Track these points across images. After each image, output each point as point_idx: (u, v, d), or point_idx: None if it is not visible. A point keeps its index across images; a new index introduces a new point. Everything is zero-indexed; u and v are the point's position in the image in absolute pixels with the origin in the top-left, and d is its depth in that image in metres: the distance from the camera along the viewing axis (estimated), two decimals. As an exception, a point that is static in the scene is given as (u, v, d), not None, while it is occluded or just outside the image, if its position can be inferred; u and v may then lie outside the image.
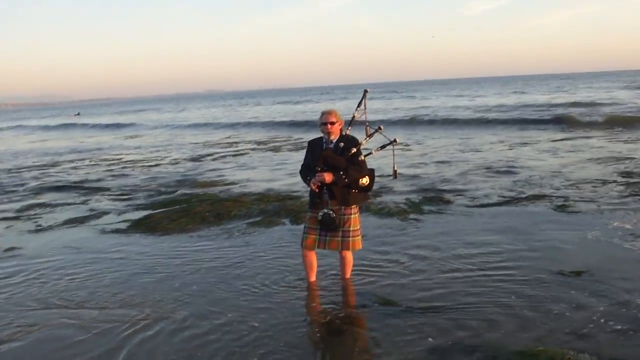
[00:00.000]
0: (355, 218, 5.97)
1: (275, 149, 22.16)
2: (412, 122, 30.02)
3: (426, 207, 10.01)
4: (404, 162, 15.75)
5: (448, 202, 10.36)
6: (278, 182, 13.62)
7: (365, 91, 5.92)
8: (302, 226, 6.27)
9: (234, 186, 13.50)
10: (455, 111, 36.09)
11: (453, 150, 18.40)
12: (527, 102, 40.08)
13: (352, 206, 5.94)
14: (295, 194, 11.83)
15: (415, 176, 13.45)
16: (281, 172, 15.44)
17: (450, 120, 29.39)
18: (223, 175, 15.49)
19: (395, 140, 5.83)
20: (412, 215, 9.50)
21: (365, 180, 5.84)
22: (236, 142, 26.54)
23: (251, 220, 9.83)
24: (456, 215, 9.43)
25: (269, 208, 10.49)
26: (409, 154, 17.91)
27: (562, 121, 25.36)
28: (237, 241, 8.58)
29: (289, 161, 17.87)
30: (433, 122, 29.58)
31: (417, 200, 10.56)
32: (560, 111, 30.65)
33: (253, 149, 22.69)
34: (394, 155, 5.95)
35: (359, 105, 5.89)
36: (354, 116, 5.90)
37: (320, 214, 5.85)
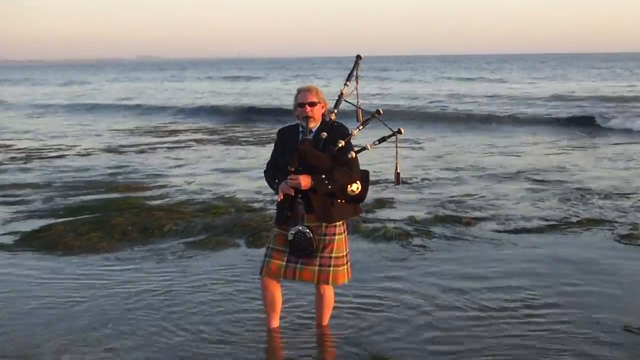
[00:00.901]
0: (340, 240, 5.91)
1: (231, 142, 22.04)
2: (423, 115, 29.95)
3: (437, 230, 9.98)
4: (411, 165, 15.75)
5: (469, 223, 10.35)
6: (232, 187, 13.50)
7: (358, 58, 5.89)
8: (262, 250, 6.18)
9: (169, 190, 13.36)
10: (475, 100, 36.30)
11: (478, 152, 18.45)
12: (572, 91, 40.49)
13: (337, 223, 5.88)
14: (255, 204, 11.74)
15: (424, 185, 13.44)
16: (237, 174, 15.31)
17: (471, 114, 29.47)
18: (155, 175, 15.34)
19: (399, 131, 5.77)
20: (417, 241, 9.48)
21: (355, 187, 5.76)
22: (176, 131, 26.37)
23: (192, 238, 9.72)
24: (479, 242, 9.41)
25: (217, 223, 10.38)
26: (418, 155, 17.94)
27: (621, 120, 25.45)
28: (170, 267, 8.46)
29: (249, 158, 17.75)
30: (447, 115, 29.67)
31: (426, 220, 10.54)
32: (622, 105, 30.89)
33: (199, 141, 22.55)
34: (397, 153, 5.83)
35: (348, 78, 5.84)
36: (341, 93, 5.84)
37: (292, 232, 5.75)
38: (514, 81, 57.50)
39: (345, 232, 5.98)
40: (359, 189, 5.80)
